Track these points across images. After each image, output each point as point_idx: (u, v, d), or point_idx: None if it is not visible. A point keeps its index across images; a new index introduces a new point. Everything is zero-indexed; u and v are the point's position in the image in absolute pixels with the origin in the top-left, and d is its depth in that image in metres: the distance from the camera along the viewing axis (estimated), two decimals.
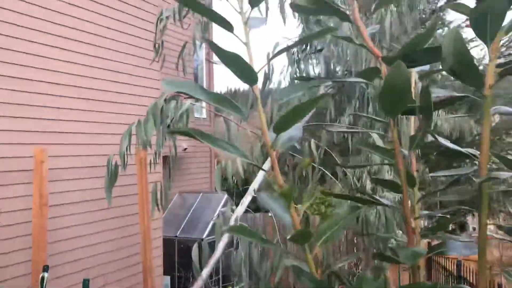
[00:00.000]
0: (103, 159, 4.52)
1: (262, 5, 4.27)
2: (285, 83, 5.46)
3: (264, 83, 4.63)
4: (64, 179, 6.15)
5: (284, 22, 4.03)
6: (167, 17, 4.14)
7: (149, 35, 7.28)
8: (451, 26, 12.33)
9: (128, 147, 3.88)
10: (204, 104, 12.24)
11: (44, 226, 5.50)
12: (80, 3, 6.47)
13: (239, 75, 0.94)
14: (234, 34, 1.00)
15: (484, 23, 0.96)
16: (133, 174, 6.66)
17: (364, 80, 1.16)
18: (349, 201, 1.16)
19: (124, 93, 7.19)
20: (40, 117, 5.88)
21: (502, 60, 1.11)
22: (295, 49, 5.06)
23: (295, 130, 1.10)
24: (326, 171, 4.24)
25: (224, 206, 9.33)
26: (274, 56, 1.15)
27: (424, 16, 12.79)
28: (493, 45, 1.02)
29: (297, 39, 5.11)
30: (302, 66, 4.99)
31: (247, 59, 1.02)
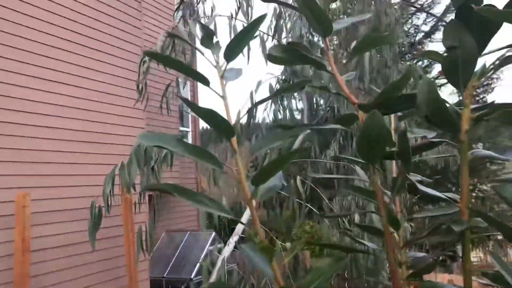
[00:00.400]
0: (87, 200, 4.45)
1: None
2: (269, 119, 5.49)
3: (249, 120, 4.65)
4: (46, 223, 6.02)
5: (266, 62, 4.09)
6: (149, 59, 4.17)
7: (132, 74, 7.32)
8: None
9: (111, 190, 3.83)
10: (190, 141, 12.22)
11: (26, 273, 5.33)
12: (60, 45, 6.50)
13: (215, 129, 0.93)
14: (211, 88, 1.00)
15: (456, 71, 0.98)
16: (119, 215, 6.56)
17: (342, 127, 1.17)
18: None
19: (107, 133, 7.16)
20: (21, 160, 5.80)
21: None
22: (277, 85, 5.11)
23: (276, 180, 1.09)
24: (313, 207, 4.22)
25: (211, 244, 9.19)
26: (257, 104, 1.15)
27: (403, 49, 13.12)
28: (466, 91, 1.04)
29: (279, 75, 5.16)
30: (286, 102, 5.04)
31: (224, 112, 1.01)
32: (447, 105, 0.97)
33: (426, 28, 13.78)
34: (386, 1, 11.31)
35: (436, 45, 13.99)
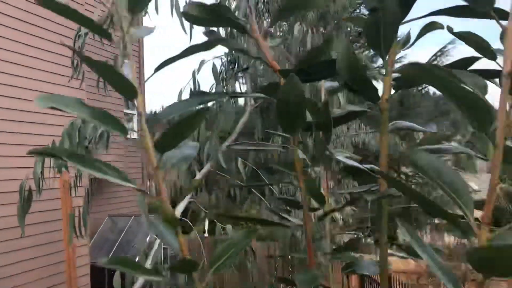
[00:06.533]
0: (18, 183, 4.18)
1: (187, 24, 4.20)
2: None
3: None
4: None
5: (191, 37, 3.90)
6: (86, 33, 3.95)
7: (67, 51, 6.98)
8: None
9: (42, 171, 3.62)
10: (135, 123, 11.87)
11: None
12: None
13: (117, 89, 0.85)
14: (115, 47, 0.91)
15: (378, 35, 0.94)
16: (57, 198, 6.29)
17: (265, 96, 1.11)
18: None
19: (38, 112, 6.78)
20: None
21: None
22: (222, 68, 5.01)
23: (190, 149, 1.02)
24: (255, 190, 4.19)
25: None
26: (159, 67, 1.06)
27: (350, 37, 13.28)
28: (389, 58, 1.00)
29: (223, 56, 5.04)
30: (230, 86, 4.95)
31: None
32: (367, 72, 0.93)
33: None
34: None
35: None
